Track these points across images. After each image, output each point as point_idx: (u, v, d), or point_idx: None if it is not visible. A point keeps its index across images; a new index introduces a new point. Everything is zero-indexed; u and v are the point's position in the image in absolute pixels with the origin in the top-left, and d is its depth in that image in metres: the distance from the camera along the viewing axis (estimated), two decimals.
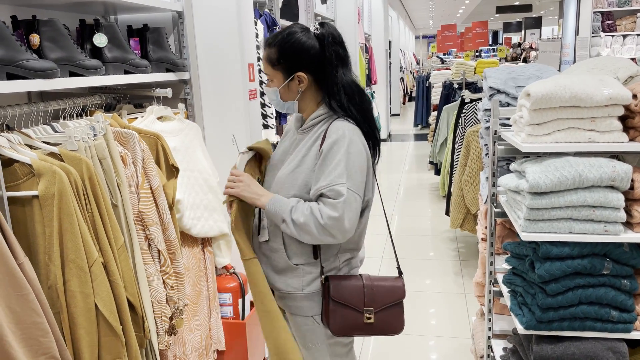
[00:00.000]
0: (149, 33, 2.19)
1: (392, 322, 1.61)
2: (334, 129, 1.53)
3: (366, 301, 1.57)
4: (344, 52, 1.59)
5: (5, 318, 1.23)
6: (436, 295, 3.50)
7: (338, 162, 1.48)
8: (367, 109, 1.61)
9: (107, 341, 1.49)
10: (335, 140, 1.50)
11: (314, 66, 1.57)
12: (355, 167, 1.50)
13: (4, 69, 1.45)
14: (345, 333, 1.59)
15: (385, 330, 1.61)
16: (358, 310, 1.57)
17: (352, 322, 1.57)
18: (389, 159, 8.31)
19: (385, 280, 1.64)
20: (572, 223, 1.56)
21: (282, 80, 1.60)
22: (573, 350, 1.61)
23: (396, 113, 13.49)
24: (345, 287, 1.57)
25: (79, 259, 1.42)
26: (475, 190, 3.61)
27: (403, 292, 1.63)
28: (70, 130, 1.56)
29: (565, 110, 1.58)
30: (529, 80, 2.11)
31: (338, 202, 1.45)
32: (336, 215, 1.45)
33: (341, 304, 1.56)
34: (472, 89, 4.89)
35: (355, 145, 1.51)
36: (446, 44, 14.95)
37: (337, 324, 1.57)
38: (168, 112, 2.18)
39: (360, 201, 1.51)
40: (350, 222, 1.47)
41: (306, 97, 1.62)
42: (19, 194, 1.40)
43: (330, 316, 1.57)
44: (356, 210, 1.49)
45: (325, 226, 1.46)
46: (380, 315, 1.59)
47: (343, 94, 1.56)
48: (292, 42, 1.55)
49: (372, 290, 1.58)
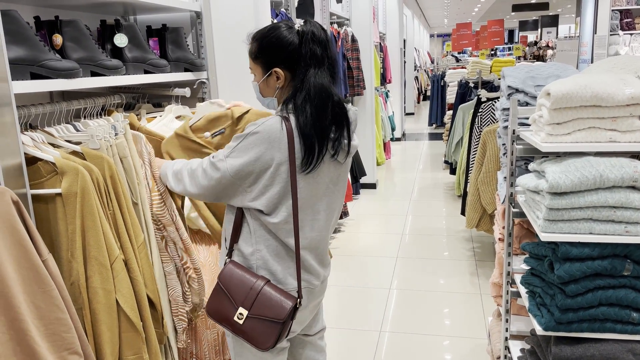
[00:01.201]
0: (168, 33, 2.21)
1: (258, 334, 1.55)
2: (263, 119, 1.53)
3: (245, 301, 1.55)
4: (322, 52, 1.55)
5: (29, 314, 1.26)
6: (451, 295, 3.49)
7: (237, 137, 1.53)
8: (322, 115, 1.52)
9: (128, 337, 1.52)
10: (252, 124, 1.53)
11: (291, 63, 1.55)
12: (242, 153, 1.50)
13: (27, 69, 1.47)
14: (215, 318, 1.60)
15: (249, 338, 1.56)
16: (234, 304, 1.56)
17: (224, 312, 1.58)
18: (403, 159, 8.29)
19: (279, 294, 1.56)
20: (593, 224, 1.55)
21: (261, 75, 1.61)
22: (592, 352, 1.60)
23: (410, 112, 13.44)
24: (234, 277, 1.57)
25: (101, 256, 1.44)
26: (491, 190, 3.59)
27: (284, 313, 1.53)
28: (92, 129, 1.58)
29: (585, 109, 1.56)
30: (548, 79, 2.09)
31: (213, 160, 1.55)
32: (204, 166, 1.57)
33: (223, 290, 1.58)
34: (488, 88, 4.86)
35: (256, 142, 1.49)
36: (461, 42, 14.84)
37: (212, 305, 1.60)
38: (186, 111, 2.20)
39: (227, 178, 1.52)
40: (209, 183, 1.55)
41: (283, 94, 1.61)
42: (42, 192, 1.43)
43: (212, 294, 1.60)
44: (218, 180, 1.54)
45: (194, 173, 1.60)
46: (251, 321, 1.55)
47: (305, 93, 1.51)
48: (271, 37, 1.56)
49: (255, 294, 1.54)
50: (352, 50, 5.74)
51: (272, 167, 1.51)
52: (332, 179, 1.62)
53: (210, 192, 1.59)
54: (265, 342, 1.55)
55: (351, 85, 5.71)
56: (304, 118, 1.50)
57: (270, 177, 1.51)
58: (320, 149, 1.52)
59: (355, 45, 5.79)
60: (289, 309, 1.54)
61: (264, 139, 1.49)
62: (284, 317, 1.53)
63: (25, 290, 1.26)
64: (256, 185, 1.53)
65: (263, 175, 1.52)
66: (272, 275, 1.60)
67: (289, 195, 1.54)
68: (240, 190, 1.55)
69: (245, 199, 1.56)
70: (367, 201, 5.87)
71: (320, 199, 1.61)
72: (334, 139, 1.55)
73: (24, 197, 1.34)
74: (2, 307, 1.22)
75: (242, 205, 1.58)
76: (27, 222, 1.29)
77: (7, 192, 1.25)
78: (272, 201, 1.54)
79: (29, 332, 1.24)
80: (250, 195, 1.54)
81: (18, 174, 1.33)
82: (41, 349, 1.26)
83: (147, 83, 2.09)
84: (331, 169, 1.60)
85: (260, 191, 1.53)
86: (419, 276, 3.82)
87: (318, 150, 1.52)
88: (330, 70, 1.58)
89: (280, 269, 1.60)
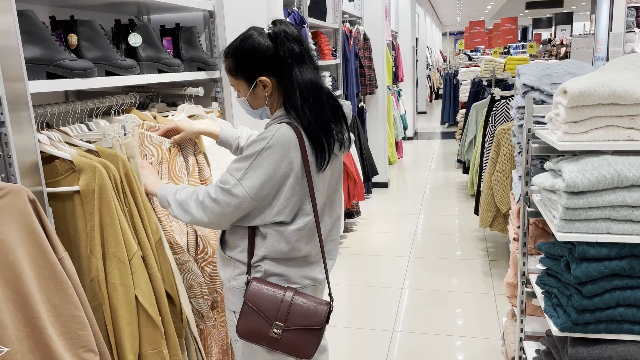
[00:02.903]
0: (182, 32, 2.22)
1: (299, 345, 1.52)
2: (268, 129, 1.49)
3: (278, 315, 1.51)
4: (299, 48, 1.51)
5: (46, 311, 1.27)
6: (464, 296, 3.46)
7: (246, 157, 1.47)
8: (321, 110, 1.50)
9: (147, 332, 1.53)
10: (259, 139, 1.47)
11: (273, 68, 1.50)
12: (259, 172, 1.44)
13: (43, 69, 1.49)
14: (250, 339, 1.55)
15: (291, 351, 1.53)
16: (268, 321, 1.52)
17: (258, 331, 1.53)
18: (415, 158, 8.25)
19: (311, 301, 1.54)
20: (610, 223, 1.53)
21: (247, 89, 1.55)
22: (610, 353, 1.57)
23: (423, 111, 13.38)
24: (262, 294, 1.52)
25: (119, 252, 1.45)
26: (505, 189, 3.55)
27: (322, 319, 1.52)
28: (104, 129, 1.60)
29: (603, 107, 1.54)
30: (564, 77, 2.06)
31: (223, 187, 1.47)
32: (213, 196, 1.48)
33: (253, 309, 1.52)
34: (502, 86, 4.82)
35: (272, 154, 1.44)
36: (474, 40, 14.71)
37: (244, 326, 1.54)
38: (199, 110, 2.21)
39: (248, 202, 1.46)
40: (225, 211, 1.48)
41: (274, 100, 1.57)
42: (60, 190, 1.44)
43: (241, 316, 1.55)
44: (236, 206, 1.47)
45: (203, 203, 1.50)
46: (289, 334, 1.52)
47: (299, 94, 1.48)
48: (246, 47, 1.50)
49: (288, 306, 1.52)
50: (364, 48, 5.72)
51: (292, 176, 1.48)
52: (333, 173, 1.63)
53: (228, 219, 1.52)
54: (308, 352, 1.53)
55: (363, 84, 5.70)
56: (306, 119, 1.48)
57: (291, 186, 1.48)
58: (328, 145, 1.51)
59: (367, 43, 5.77)
60: (325, 313, 1.54)
61: (279, 150, 1.45)
62: (321, 323, 1.53)
63: (41, 288, 1.27)
64: (277, 200, 1.49)
65: (283, 187, 1.48)
66: (285, 280, 1.59)
67: (307, 200, 1.53)
68: (260, 210, 1.50)
69: (266, 217, 1.51)
70: (379, 200, 5.85)
71: (330, 194, 1.63)
72: (336, 132, 1.54)
73: (40, 195, 1.35)
74: (19, 305, 1.23)
75: (262, 223, 1.53)
76: (44, 220, 1.30)
77: (24, 191, 1.26)
78: (293, 210, 1.52)
79: (46, 330, 1.25)
80: (272, 212, 1.50)
81: (34, 172, 1.34)
82: (57, 346, 1.27)
83: (161, 82, 2.10)
84: (333, 163, 1.60)
85: (282, 204, 1.49)
86: (432, 276, 3.80)
87: (327, 147, 1.51)
88: (312, 63, 1.54)
89: (292, 272, 1.59)
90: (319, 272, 1.64)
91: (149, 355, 1.53)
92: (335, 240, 1.70)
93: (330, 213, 1.66)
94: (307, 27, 3.76)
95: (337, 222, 1.69)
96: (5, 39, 1.25)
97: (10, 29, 1.26)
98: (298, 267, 1.59)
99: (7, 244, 1.22)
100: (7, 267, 1.22)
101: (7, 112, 1.26)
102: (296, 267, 1.59)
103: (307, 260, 1.61)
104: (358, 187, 4.60)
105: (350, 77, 5.27)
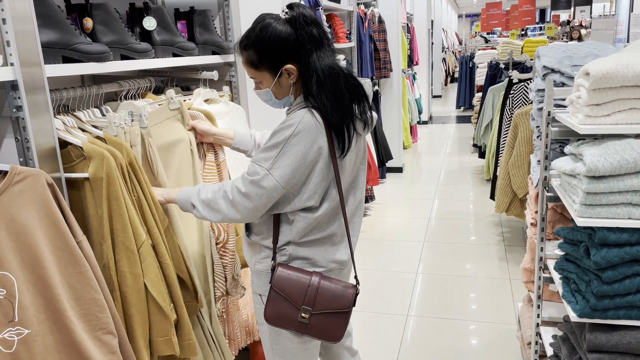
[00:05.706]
0: (196, 16, 2.20)
1: (327, 329, 1.54)
2: (292, 116, 1.47)
3: (306, 300, 1.52)
4: (318, 32, 1.46)
5: (65, 294, 1.29)
6: (479, 280, 3.45)
7: (273, 146, 1.44)
8: (340, 95, 1.47)
9: (157, 320, 1.54)
10: (285, 126, 1.44)
11: (296, 54, 1.46)
12: (289, 160, 1.43)
13: (59, 53, 1.49)
14: (278, 324, 1.56)
15: (320, 334, 1.55)
16: (295, 306, 1.53)
17: (286, 316, 1.54)
18: (430, 142, 8.18)
19: (337, 284, 1.55)
20: (632, 208, 1.50)
21: (271, 80, 1.51)
22: (629, 339, 1.56)
23: (438, 95, 13.23)
24: (289, 280, 1.53)
25: (128, 241, 1.45)
26: (522, 174, 3.51)
27: (349, 302, 1.54)
28: (111, 116, 1.58)
29: (627, 90, 1.50)
30: (585, 59, 2.01)
31: (252, 179, 1.44)
32: (243, 190, 1.45)
33: (280, 294, 1.53)
34: (519, 69, 4.73)
35: (301, 140, 1.43)
36: (491, 22, 14.44)
37: (272, 312, 1.55)
38: (214, 94, 2.20)
39: (279, 191, 1.45)
40: (257, 204, 1.46)
41: (297, 87, 1.53)
42: (72, 176, 1.45)
43: (268, 302, 1.55)
44: (268, 197, 1.45)
45: (234, 200, 1.47)
46: (317, 318, 1.53)
47: (315, 80, 1.45)
48: (268, 36, 1.45)
49: (315, 290, 1.53)
50: (379, 31, 5.65)
51: (320, 160, 1.47)
52: (358, 153, 1.62)
53: (260, 212, 1.50)
54: (336, 334, 1.55)
55: (378, 67, 5.64)
56: (323, 107, 1.45)
57: (320, 171, 1.48)
58: (348, 130, 1.49)
59: (382, 26, 5.70)
60: (352, 296, 1.55)
61: (306, 136, 1.43)
62: (349, 306, 1.54)
63: (60, 271, 1.28)
64: (306, 186, 1.48)
65: (312, 173, 1.47)
66: (310, 263, 1.59)
67: (333, 182, 1.52)
68: (290, 197, 1.50)
69: (296, 204, 1.50)
70: (394, 185, 5.82)
71: (355, 174, 1.63)
72: (359, 112, 1.52)
73: (58, 180, 1.35)
74: (39, 288, 1.25)
75: (291, 210, 1.52)
76: (62, 205, 1.31)
77: (42, 175, 1.27)
78: (322, 195, 1.51)
79: (65, 312, 1.27)
80: (302, 198, 1.49)
81: (52, 157, 1.35)
82: (77, 328, 1.29)
83: (176, 66, 2.09)
84: (358, 143, 1.59)
85: (312, 190, 1.49)
86: (446, 261, 3.79)
87: (347, 133, 1.49)
88: (330, 46, 1.51)
89: (317, 254, 1.59)
90: (344, 254, 1.63)
91: (158, 342, 1.55)
92: (358, 220, 1.69)
93: (354, 193, 1.65)
94: (322, 9, 3.71)
95: (360, 203, 1.69)
96: (21, 23, 1.24)
97: (26, 14, 1.26)
98: (323, 249, 1.59)
99: (27, 227, 1.23)
100: (27, 250, 1.24)
101: (25, 96, 1.26)
102: (322, 249, 1.59)
103: (332, 241, 1.60)
104: (372, 172, 4.57)
105: (365, 60, 5.21)
